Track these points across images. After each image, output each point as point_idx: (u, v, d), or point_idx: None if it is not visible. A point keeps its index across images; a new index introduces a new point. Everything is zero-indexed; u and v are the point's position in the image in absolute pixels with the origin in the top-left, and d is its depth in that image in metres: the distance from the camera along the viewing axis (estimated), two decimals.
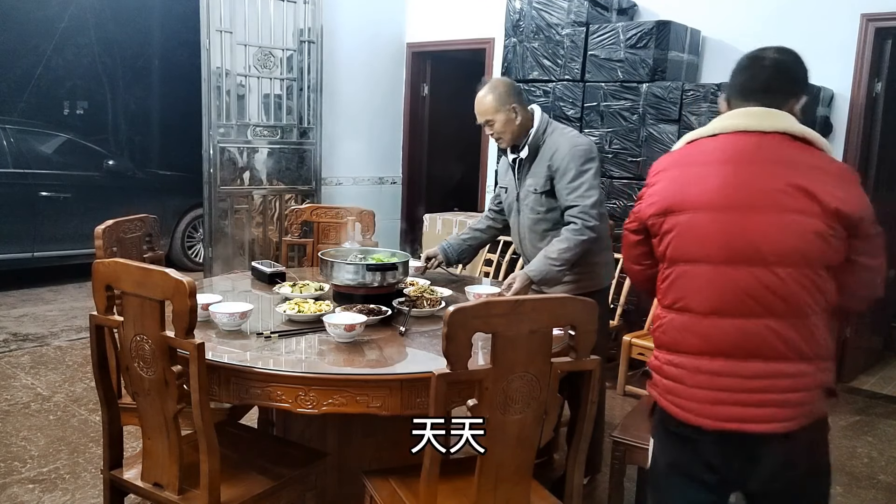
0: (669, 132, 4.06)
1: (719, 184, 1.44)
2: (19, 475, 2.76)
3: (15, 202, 5.55)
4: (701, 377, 1.45)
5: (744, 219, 1.42)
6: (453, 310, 1.49)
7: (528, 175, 2.59)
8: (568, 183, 2.46)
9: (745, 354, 1.42)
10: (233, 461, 1.91)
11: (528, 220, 2.63)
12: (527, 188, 2.60)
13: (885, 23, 3.94)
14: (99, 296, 1.79)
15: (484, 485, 1.62)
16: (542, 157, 2.55)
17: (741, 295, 1.41)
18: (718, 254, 1.43)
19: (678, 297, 1.50)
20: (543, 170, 2.54)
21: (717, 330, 1.44)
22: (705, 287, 1.45)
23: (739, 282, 1.41)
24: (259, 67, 5.31)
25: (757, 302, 1.41)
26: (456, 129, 6.73)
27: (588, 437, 1.80)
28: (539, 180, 2.55)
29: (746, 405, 1.42)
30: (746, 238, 1.41)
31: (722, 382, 1.43)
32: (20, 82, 7.53)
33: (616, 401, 3.76)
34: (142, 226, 2.65)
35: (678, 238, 1.49)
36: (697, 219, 1.46)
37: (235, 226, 5.39)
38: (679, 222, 1.48)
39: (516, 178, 2.65)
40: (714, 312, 1.44)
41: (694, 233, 1.47)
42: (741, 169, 1.44)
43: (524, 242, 2.69)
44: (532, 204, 2.59)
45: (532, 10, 4.63)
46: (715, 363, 1.44)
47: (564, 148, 2.50)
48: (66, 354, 4.21)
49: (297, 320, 2.13)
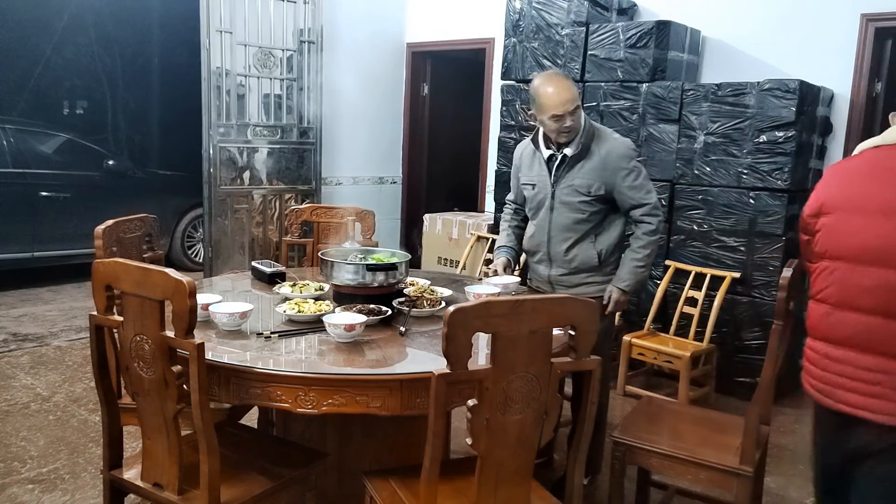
0: (669, 132, 4.06)
1: (866, 189, 1.62)
2: (19, 475, 2.76)
3: (15, 202, 5.54)
4: (828, 362, 1.65)
5: (880, 223, 1.58)
6: (453, 310, 1.49)
7: (571, 174, 2.53)
8: (632, 183, 2.49)
9: (863, 348, 1.59)
10: (233, 461, 1.91)
11: (566, 218, 2.57)
12: (570, 187, 2.54)
13: (885, 23, 3.94)
14: (99, 296, 1.79)
15: (484, 485, 1.62)
16: (591, 157, 2.51)
17: (865, 292, 1.59)
18: (854, 253, 1.61)
19: (819, 289, 1.69)
20: (596, 171, 2.50)
21: (843, 322, 1.62)
22: (840, 282, 1.64)
23: (867, 280, 1.58)
24: (259, 67, 5.30)
25: (878, 299, 1.57)
26: (456, 129, 6.74)
27: (588, 437, 1.80)
28: (591, 182, 2.51)
29: (863, 394, 1.58)
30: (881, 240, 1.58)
31: (843, 369, 1.63)
32: (20, 82, 7.52)
33: (616, 401, 3.75)
34: (142, 226, 2.65)
35: (824, 237, 1.68)
36: (841, 219, 1.65)
37: (235, 226, 5.39)
38: (826, 223, 1.68)
39: (552, 174, 2.58)
40: (841, 305, 1.63)
41: (837, 232, 1.66)
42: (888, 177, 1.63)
43: (552, 241, 2.62)
44: (577, 204, 2.54)
45: (532, 9, 4.63)
46: (838, 352, 1.63)
47: (619, 149, 2.51)
48: (65, 354, 4.20)
49: (297, 320, 2.13)
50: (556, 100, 2.43)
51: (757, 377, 2.45)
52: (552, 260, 2.64)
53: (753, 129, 3.76)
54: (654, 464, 2.20)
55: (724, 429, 2.32)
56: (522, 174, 2.73)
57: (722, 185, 3.89)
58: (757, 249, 3.80)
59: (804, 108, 3.70)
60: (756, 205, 3.78)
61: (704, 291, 3.85)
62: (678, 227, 4.08)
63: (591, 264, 2.58)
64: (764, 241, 3.76)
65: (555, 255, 2.62)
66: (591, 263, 2.58)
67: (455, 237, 5.24)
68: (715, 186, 3.92)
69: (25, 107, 7.41)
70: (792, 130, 3.66)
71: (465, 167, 6.40)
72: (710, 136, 3.91)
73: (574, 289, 2.59)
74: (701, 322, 3.83)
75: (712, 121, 3.89)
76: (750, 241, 3.82)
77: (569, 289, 2.60)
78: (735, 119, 3.82)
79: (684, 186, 4.04)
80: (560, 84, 2.46)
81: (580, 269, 2.60)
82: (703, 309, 3.84)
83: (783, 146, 3.68)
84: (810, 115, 3.79)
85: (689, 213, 4.02)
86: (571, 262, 2.59)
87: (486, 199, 5.80)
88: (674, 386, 3.83)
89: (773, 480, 2.94)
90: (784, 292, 1.99)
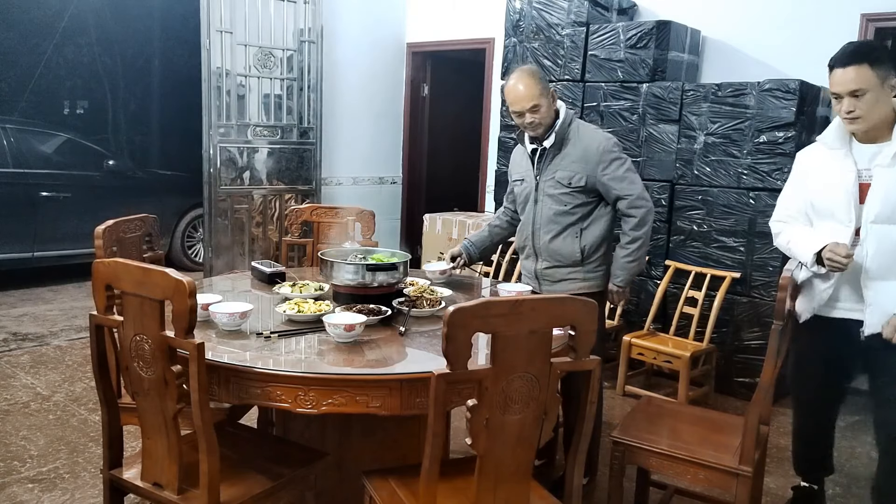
0: (669, 132, 4.06)
1: None
2: (19, 475, 2.76)
3: (15, 202, 5.54)
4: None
5: None
6: (453, 310, 1.49)
7: (553, 166, 2.58)
8: (613, 173, 2.50)
9: None
10: (232, 461, 1.91)
11: (550, 210, 2.60)
12: (552, 179, 2.58)
13: (885, 23, 3.94)
14: (99, 295, 1.79)
15: (484, 485, 1.62)
16: (571, 149, 2.55)
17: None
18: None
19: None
20: (577, 163, 2.53)
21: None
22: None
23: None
24: (259, 67, 5.31)
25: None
26: (456, 129, 6.74)
27: (588, 437, 1.80)
28: (572, 174, 2.54)
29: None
30: None
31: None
32: (20, 82, 7.54)
33: (616, 401, 3.76)
34: (142, 225, 2.65)
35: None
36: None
37: (235, 226, 5.39)
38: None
39: (535, 167, 2.63)
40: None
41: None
42: None
43: (537, 234, 2.66)
44: (559, 196, 2.58)
45: (532, 10, 4.63)
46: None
47: (599, 141, 2.54)
48: (65, 354, 4.21)
49: (296, 320, 2.13)
50: (512, 96, 2.53)
51: (756, 377, 2.46)
52: (538, 254, 2.67)
53: (753, 129, 3.76)
54: (653, 464, 2.20)
55: (724, 429, 2.32)
56: (514, 172, 2.80)
57: (722, 186, 3.89)
58: (757, 249, 3.80)
59: (804, 108, 3.70)
60: (756, 205, 3.78)
61: (704, 291, 3.85)
62: (678, 228, 4.08)
63: (574, 258, 2.60)
64: (764, 242, 3.76)
65: (540, 248, 2.66)
66: (574, 258, 2.60)
67: (455, 237, 5.24)
68: (715, 187, 3.92)
69: (26, 107, 7.42)
70: (792, 131, 3.66)
71: (465, 167, 6.41)
72: (710, 136, 3.91)
73: (558, 283, 2.63)
74: (701, 322, 3.83)
75: (712, 121, 3.89)
76: (749, 242, 3.82)
77: (553, 283, 2.64)
78: (735, 119, 3.82)
79: (684, 187, 4.04)
80: (520, 81, 2.52)
81: (564, 263, 2.62)
82: (702, 309, 3.84)
83: (783, 146, 3.68)
84: (810, 116, 3.79)
85: (689, 213, 4.02)
86: (555, 255, 2.62)
87: (486, 199, 5.80)
88: (673, 386, 3.84)
89: (773, 480, 2.94)
90: (784, 292, 1.99)
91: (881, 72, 2.07)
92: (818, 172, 2.28)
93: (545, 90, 2.52)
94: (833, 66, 2.15)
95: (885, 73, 2.08)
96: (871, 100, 2.08)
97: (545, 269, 2.67)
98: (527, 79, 2.51)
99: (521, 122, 2.56)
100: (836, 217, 2.20)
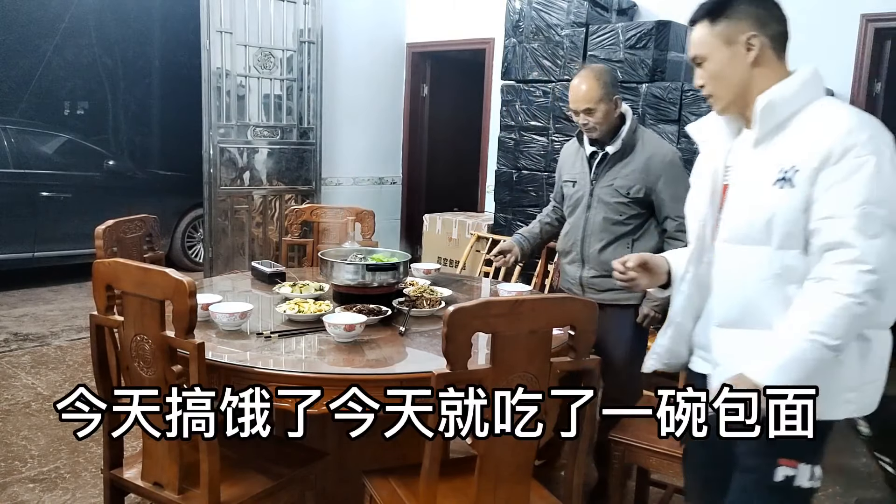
0: (669, 132, 4.06)
1: None
2: (20, 474, 2.77)
3: (15, 202, 5.55)
4: None
5: None
6: (453, 310, 1.50)
7: (612, 173, 2.48)
8: (673, 192, 2.37)
9: None
10: (233, 461, 1.91)
11: (603, 219, 2.50)
12: (610, 187, 2.48)
13: (884, 23, 3.94)
14: (99, 296, 1.79)
15: (484, 485, 1.63)
16: (634, 158, 2.46)
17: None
18: None
19: None
20: (639, 173, 2.44)
21: None
22: None
23: None
24: (259, 68, 5.31)
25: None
26: (456, 130, 6.75)
27: (588, 438, 1.80)
28: (632, 184, 2.44)
29: None
30: None
31: None
32: (21, 82, 7.54)
33: None
34: (142, 226, 2.66)
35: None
36: None
37: (235, 226, 5.40)
38: None
39: (592, 171, 2.54)
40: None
41: None
42: None
43: (587, 241, 2.55)
44: (615, 204, 2.48)
45: (532, 10, 4.63)
46: None
47: (665, 154, 2.45)
48: (66, 354, 4.21)
49: (297, 320, 2.13)
50: (572, 94, 2.46)
51: None
52: (585, 261, 2.57)
53: None
54: (653, 463, 2.21)
55: None
56: (565, 171, 2.69)
57: None
58: None
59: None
60: None
61: None
62: None
63: None
64: None
65: (588, 256, 2.55)
66: None
67: (455, 237, 5.25)
68: None
69: (26, 107, 7.43)
70: None
71: (465, 167, 6.41)
72: None
73: (604, 293, 2.51)
74: None
75: None
76: None
77: (599, 293, 2.52)
78: None
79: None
80: (584, 81, 2.43)
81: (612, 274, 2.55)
82: None
83: None
84: None
85: None
86: (604, 265, 2.46)
87: (486, 199, 5.80)
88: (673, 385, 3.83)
89: None
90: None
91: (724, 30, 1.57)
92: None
93: (607, 95, 2.41)
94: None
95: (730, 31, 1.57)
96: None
97: (592, 278, 2.55)
98: (591, 80, 2.42)
99: (578, 122, 2.49)
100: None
